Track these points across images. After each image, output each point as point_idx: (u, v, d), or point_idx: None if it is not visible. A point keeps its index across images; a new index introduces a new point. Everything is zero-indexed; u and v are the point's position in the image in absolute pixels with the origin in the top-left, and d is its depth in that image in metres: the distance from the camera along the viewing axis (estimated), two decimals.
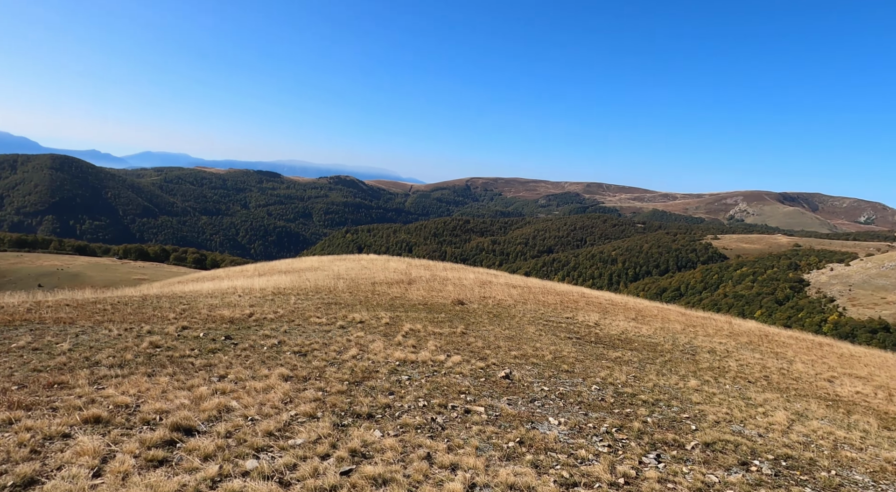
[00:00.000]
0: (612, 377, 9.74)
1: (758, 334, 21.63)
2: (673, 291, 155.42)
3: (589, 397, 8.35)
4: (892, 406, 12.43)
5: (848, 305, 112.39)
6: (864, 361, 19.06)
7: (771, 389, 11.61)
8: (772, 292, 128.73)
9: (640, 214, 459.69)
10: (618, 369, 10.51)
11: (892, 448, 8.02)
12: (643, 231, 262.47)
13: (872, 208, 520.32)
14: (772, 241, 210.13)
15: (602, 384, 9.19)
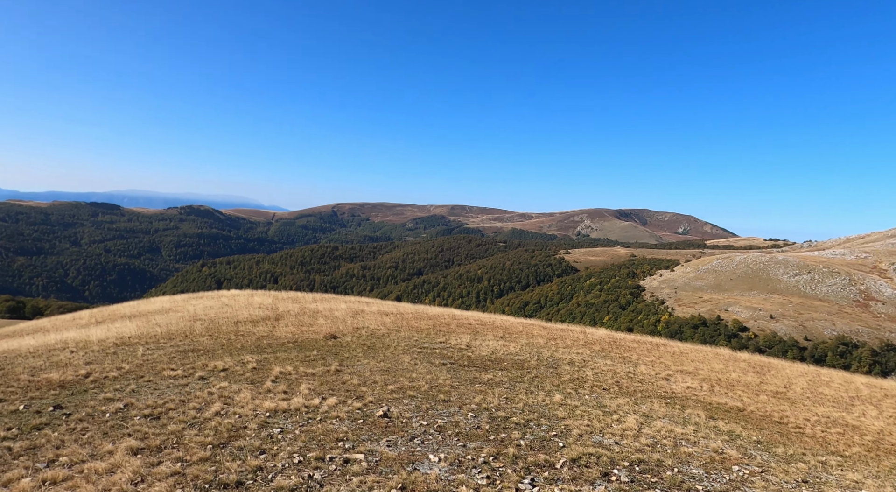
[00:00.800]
0: (486, 402, 10.10)
1: (608, 341, 23.94)
2: (534, 304, 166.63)
3: (466, 426, 8.55)
4: (714, 397, 14.52)
5: (675, 305, 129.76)
6: (690, 357, 22.04)
7: (622, 394, 12.90)
8: (616, 299, 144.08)
9: (501, 234, 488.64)
10: (491, 393, 10.93)
11: (717, 437, 9.36)
12: (505, 249, 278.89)
13: (687, 221, 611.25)
14: (613, 253, 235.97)
15: (478, 410, 9.48)
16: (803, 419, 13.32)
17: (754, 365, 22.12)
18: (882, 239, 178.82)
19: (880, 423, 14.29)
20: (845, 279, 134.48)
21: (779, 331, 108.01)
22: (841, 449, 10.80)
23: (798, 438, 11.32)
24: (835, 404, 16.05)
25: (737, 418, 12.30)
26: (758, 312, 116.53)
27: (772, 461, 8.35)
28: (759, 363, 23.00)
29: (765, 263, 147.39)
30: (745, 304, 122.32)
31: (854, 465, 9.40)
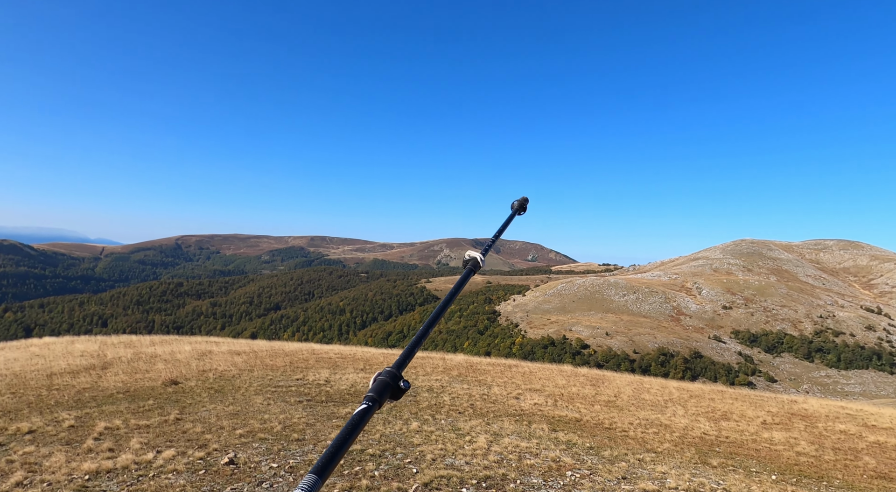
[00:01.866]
0: None
1: (465, 366, 24.96)
2: (397, 334, 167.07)
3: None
4: (556, 411, 15.90)
5: (527, 327, 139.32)
6: (538, 375, 23.87)
7: (476, 416, 13.57)
8: (475, 324, 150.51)
9: (363, 264, 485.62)
10: None
11: (556, 448, 10.29)
12: (367, 280, 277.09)
13: (535, 249, 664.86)
14: (471, 280, 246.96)
15: None
16: (628, 423, 15.16)
17: (591, 379, 24.60)
18: (687, 262, 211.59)
19: (686, 420, 16.79)
20: (662, 297, 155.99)
21: (613, 346, 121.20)
22: (655, 446, 12.51)
23: (623, 440, 12.86)
24: (653, 408, 18.49)
25: (574, 428, 13.61)
26: (596, 330, 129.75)
27: (599, 464, 9.41)
28: (595, 377, 25.63)
29: (600, 285, 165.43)
30: (586, 323, 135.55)
31: (664, 459, 10.96)
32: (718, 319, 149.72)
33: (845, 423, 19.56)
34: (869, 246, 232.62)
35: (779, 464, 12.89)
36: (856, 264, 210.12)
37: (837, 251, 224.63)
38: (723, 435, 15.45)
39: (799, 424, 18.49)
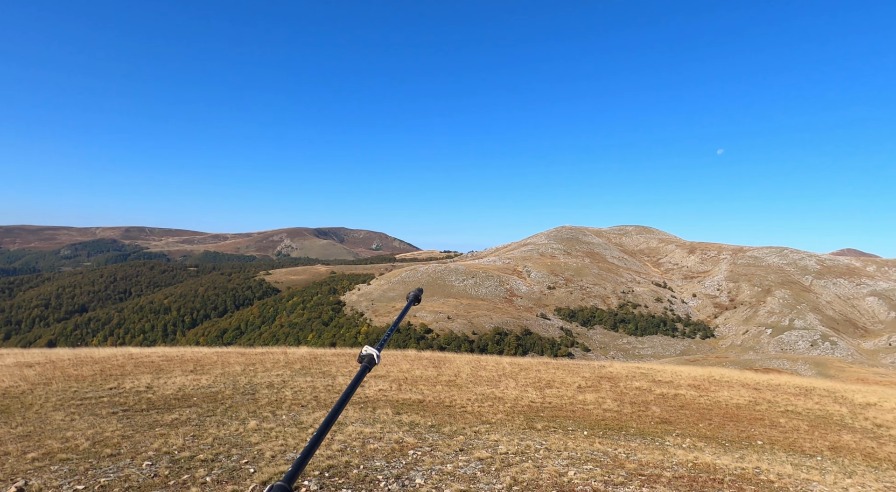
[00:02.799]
0: (168, 445, 9.05)
1: (309, 359, 24.27)
2: (234, 330, 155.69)
3: (139, 477, 7.49)
4: (401, 394, 16.32)
5: (372, 316, 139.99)
6: (383, 361, 24.19)
7: (320, 407, 13.31)
8: (319, 316, 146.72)
9: (192, 257, 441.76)
10: (174, 434, 9.83)
11: (399, 430, 10.58)
12: (197, 274, 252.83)
13: (380, 237, 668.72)
14: (314, 271, 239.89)
15: (156, 457, 8.41)
16: (466, 400, 16.17)
17: (434, 361, 25.65)
18: (518, 248, 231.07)
19: (516, 391, 18.45)
20: (497, 281, 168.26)
21: (454, 329, 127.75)
22: (490, 418, 13.56)
23: (462, 416, 13.69)
24: (488, 383, 19.95)
25: (418, 409, 14.11)
26: (439, 315, 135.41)
27: (440, 440, 9.92)
28: (437, 359, 26.78)
29: (442, 272, 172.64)
30: (430, 308, 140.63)
31: (497, 428, 11.93)
32: (544, 298, 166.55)
33: (639, 380, 23.25)
34: (658, 231, 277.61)
35: (590, 421, 14.87)
36: (649, 246, 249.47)
37: (635, 235, 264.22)
38: (547, 401, 17.31)
39: (606, 385, 21.50)
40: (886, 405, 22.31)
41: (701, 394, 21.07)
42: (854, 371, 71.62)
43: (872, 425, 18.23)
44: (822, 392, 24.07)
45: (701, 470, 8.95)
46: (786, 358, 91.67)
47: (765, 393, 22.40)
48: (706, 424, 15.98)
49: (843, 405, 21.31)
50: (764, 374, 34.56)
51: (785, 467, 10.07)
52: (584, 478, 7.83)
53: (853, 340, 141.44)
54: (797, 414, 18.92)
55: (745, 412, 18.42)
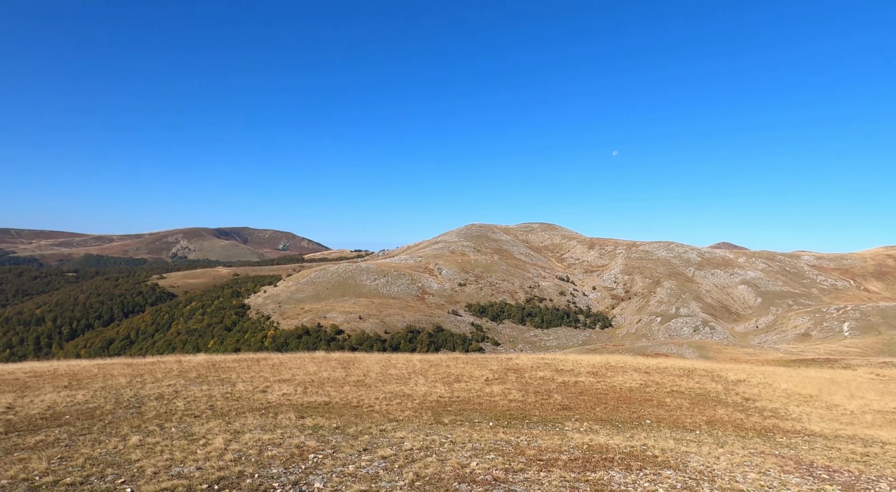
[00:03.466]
0: (28, 470, 7.99)
1: (206, 366, 22.73)
2: (122, 340, 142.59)
3: None
4: (306, 398, 15.73)
5: (280, 319, 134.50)
6: (289, 365, 23.25)
7: (215, 416, 12.46)
8: (221, 321, 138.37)
9: (71, 261, 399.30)
10: (36, 458, 8.71)
11: (301, 434, 10.16)
12: (77, 280, 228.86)
13: (286, 237, 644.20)
14: (215, 273, 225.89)
15: (10, 485, 7.39)
16: (374, 399, 15.94)
17: (343, 362, 25.07)
18: (429, 246, 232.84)
19: (426, 388, 18.50)
20: (409, 280, 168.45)
21: (366, 329, 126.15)
22: (397, 415, 13.45)
23: (369, 415, 13.46)
24: (398, 381, 19.83)
25: (323, 412, 13.67)
26: (350, 315, 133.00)
27: (344, 441, 9.65)
28: (347, 359, 26.21)
29: (353, 271, 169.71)
30: (340, 309, 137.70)
31: (404, 425, 11.85)
32: (455, 295, 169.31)
33: (543, 370, 24.27)
34: (562, 228, 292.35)
35: (496, 412, 15.25)
36: (553, 243, 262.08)
37: (540, 232, 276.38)
38: (455, 395, 17.52)
39: (512, 376, 22.20)
40: (753, 381, 25.07)
41: (598, 380, 22.40)
42: (729, 352, 79.94)
43: (742, 399, 20.38)
44: (702, 372, 26.55)
45: (595, 451, 9.45)
46: (673, 343, 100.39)
47: (654, 376, 24.28)
48: (602, 407, 16.99)
49: (718, 383, 23.64)
50: (654, 358, 37.53)
51: (668, 443, 10.91)
52: (486, 467, 7.97)
53: (728, 324, 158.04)
54: (681, 393, 20.69)
55: (637, 395, 19.84)
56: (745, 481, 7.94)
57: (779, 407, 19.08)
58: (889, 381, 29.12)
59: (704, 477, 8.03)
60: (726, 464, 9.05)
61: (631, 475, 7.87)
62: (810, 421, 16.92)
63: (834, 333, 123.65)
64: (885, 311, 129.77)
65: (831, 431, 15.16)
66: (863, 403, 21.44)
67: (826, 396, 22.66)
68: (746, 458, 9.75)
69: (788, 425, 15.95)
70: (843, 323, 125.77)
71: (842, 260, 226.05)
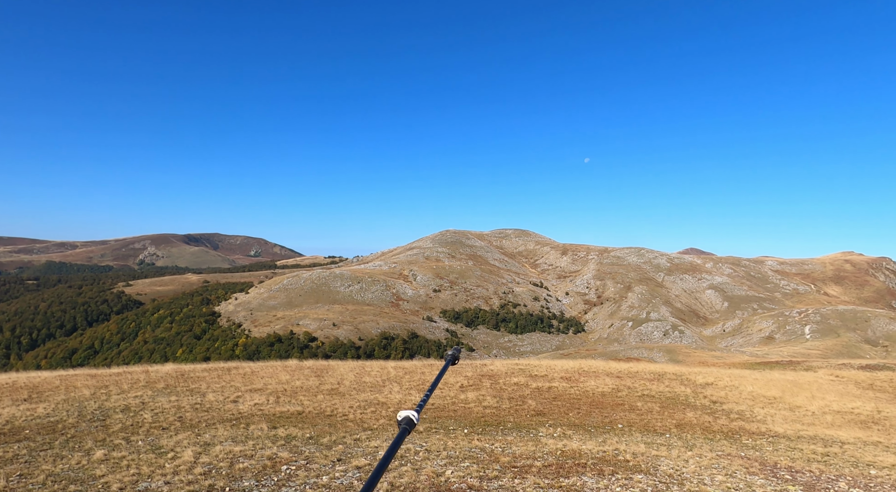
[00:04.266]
0: None
1: (175, 376, 22.18)
2: (86, 350, 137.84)
3: None
4: (279, 407, 15.50)
5: (251, 326, 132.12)
6: (261, 374, 22.86)
7: (185, 428, 12.17)
8: (190, 329, 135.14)
9: (32, 269, 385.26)
10: None
11: (273, 445, 10.02)
12: (37, 288, 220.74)
13: (258, 243, 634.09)
14: (184, 280, 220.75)
15: None
16: (349, 407, 15.81)
17: (316, 370, 24.79)
18: (404, 252, 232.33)
19: (401, 395, 18.43)
20: (383, 286, 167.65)
21: (340, 336, 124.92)
22: (372, 424, 13.37)
23: (343, 424, 13.34)
24: (372, 389, 19.71)
25: (296, 421, 13.50)
26: (324, 322, 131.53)
27: (317, 452, 9.55)
28: (320, 367, 25.91)
29: (326, 277, 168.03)
30: (314, 316, 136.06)
31: (379, 434, 11.79)
32: (430, 301, 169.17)
33: (518, 376, 24.44)
34: (535, 234, 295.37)
35: (470, 419, 15.29)
36: (526, 249, 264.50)
37: (514, 238, 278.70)
38: (430, 403, 17.50)
39: (486, 383, 22.29)
40: (720, 383, 25.73)
41: (572, 385, 22.67)
42: (697, 356, 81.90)
43: (710, 402, 20.89)
44: (672, 376, 27.13)
45: (568, 456, 9.57)
46: (644, 347, 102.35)
47: (625, 380, 24.70)
48: (575, 412, 17.21)
49: (687, 386, 24.18)
50: (625, 363, 38.17)
51: (639, 447, 11.12)
52: (461, 476, 7.99)
53: (696, 328, 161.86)
54: (651, 397, 21.10)
55: (609, 399, 20.15)
56: (712, 484, 8.16)
57: (745, 409, 19.62)
58: (847, 382, 30.24)
59: (674, 480, 8.21)
60: (695, 467, 9.28)
61: (603, 480, 8.00)
62: (774, 422, 17.45)
63: (796, 335, 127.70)
64: (844, 314, 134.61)
65: (794, 432, 15.67)
66: (823, 404, 22.22)
67: (789, 397, 23.41)
68: (714, 460, 10.01)
69: (754, 426, 16.42)
70: (805, 326, 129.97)
71: (803, 265, 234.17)
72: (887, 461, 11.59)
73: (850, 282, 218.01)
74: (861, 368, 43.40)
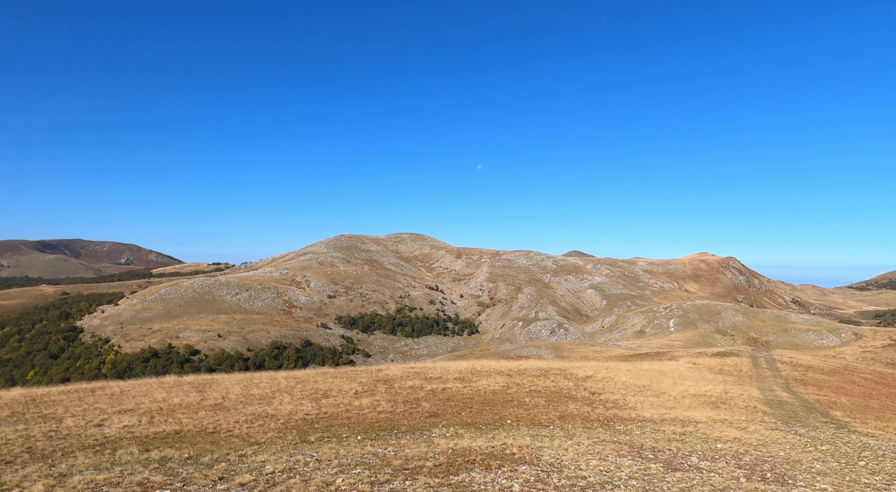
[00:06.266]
0: None
1: (23, 401, 19.46)
2: None
3: None
4: (153, 428, 14.22)
5: (122, 342, 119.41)
6: (132, 393, 20.79)
7: (34, 460, 10.73)
8: (44, 348, 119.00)
9: None
10: None
11: (145, 469, 9.18)
12: None
13: (130, 250, 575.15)
14: (36, 293, 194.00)
15: None
16: (234, 422, 14.91)
17: (198, 385, 23.08)
18: (296, 257, 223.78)
19: (291, 406, 17.74)
20: (274, 293, 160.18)
21: (226, 347, 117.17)
22: (259, 438, 12.73)
23: (227, 440, 12.56)
24: (261, 401, 18.77)
25: (173, 442, 12.47)
26: (207, 334, 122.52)
27: (196, 472, 8.92)
28: (202, 382, 24.16)
29: (210, 286, 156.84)
30: (196, 327, 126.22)
31: (266, 448, 11.27)
32: (325, 307, 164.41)
33: (413, 380, 24.62)
34: (431, 238, 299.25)
35: (364, 425, 15.14)
36: (422, 253, 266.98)
37: (410, 243, 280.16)
38: (322, 411, 17.04)
39: (381, 387, 22.18)
40: (599, 376, 27.89)
41: (465, 385, 23.30)
42: (580, 351, 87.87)
43: (589, 393, 22.57)
44: (557, 371, 28.91)
45: (458, 454, 9.85)
46: (533, 345, 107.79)
47: (515, 378, 25.88)
48: (468, 411, 17.71)
49: (570, 380, 25.91)
50: (515, 361, 39.98)
51: (525, 440, 11.73)
52: (352, 483, 7.91)
53: (580, 325, 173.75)
54: (538, 392, 22.32)
55: (500, 396, 21.00)
56: (587, 468, 8.84)
57: (619, 398, 21.45)
58: (702, 368, 34.22)
59: (554, 468, 8.79)
60: (573, 454, 9.99)
61: (490, 474, 8.34)
62: (643, 408, 19.29)
63: (663, 329, 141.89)
64: (700, 308, 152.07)
65: (659, 416, 17.42)
66: (683, 389, 24.93)
67: (656, 385, 26.00)
68: (590, 447, 10.84)
69: (626, 413, 18.02)
70: (670, 320, 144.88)
71: (668, 265, 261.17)
72: (731, 435, 13.32)
73: (706, 279, 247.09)
74: (713, 355, 49.30)
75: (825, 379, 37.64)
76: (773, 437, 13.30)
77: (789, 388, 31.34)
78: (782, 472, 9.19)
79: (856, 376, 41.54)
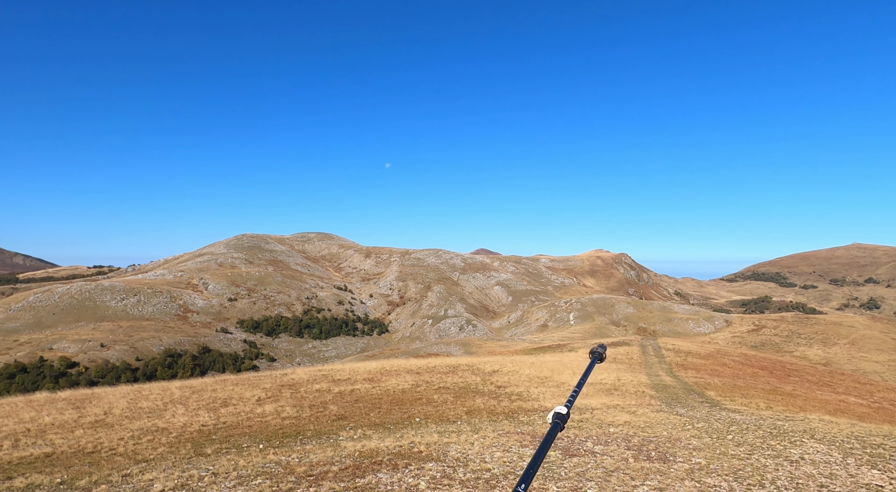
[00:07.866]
0: None
1: None
2: None
3: None
4: (17, 453, 12.62)
5: None
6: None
7: None
8: None
9: None
10: None
11: None
12: None
13: None
14: None
15: None
16: (118, 439, 13.63)
17: (75, 401, 20.86)
18: (192, 258, 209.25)
19: (185, 418, 16.56)
20: (167, 297, 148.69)
21: (111, 358, 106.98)
22: (147, 455, 11.75)
23: (109, 460, 11.46)
24: (150, 414, 17.33)
25: (43, 466, 11.17)
26: (88, 344, 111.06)
27: None
28: (80, 397, 21.87)
29: (91, 291, 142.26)
30: (74, 337, 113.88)
31: (155, 465, 10.42)
32: (225, 311, 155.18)
33: (320, 383, 23.97)
34: (339, 237, 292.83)
35: (267, 433, 14.49)
36: (330, 252, 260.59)
37: (317, 242, 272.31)
38: (221, 421, 16.08)
39: (286, 392, 21.36)
40: (504, 370, 28.86)
41: (374, 386, 23.07)
42: (488, 347, 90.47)
43: (495, 387, 23.28)
44: (465, 367, 29.52)
45: (366, 456, 9.73)
46: (443, 343, 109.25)
47: (424, 376, 26.07)
48: (377, 412, 17.56)
49: (477, 375, 26.57)
50: (425, 359, 40.29)
51: (433, 437, 11.85)
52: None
53: (487, 321, 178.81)
54: (447, 389, 22.65)
55: (409, 395, 21.03)
56: (492, 461, 9.11)
57: (523, 391, 22.35)
58: None
59: (460, 463, 8.95)
60: (479, 448, 10.25)
61: (397, 474, 8.33)
62: (545, 399, 20.24)
63: (564, 322, 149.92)
64: (597, 302, 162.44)
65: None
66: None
67: (557, 376, 27.40)
68: (495, 440, 11.18)
69: (529, 404, 18.81)
70: (570, 314, 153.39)
71: (568, 262, 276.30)
72: (622, 419, 14.37)
73: (602, 274, 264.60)
74: (608, 345, 52.90)
75: (702, 363, 41.83)
76: (657, 418, 14.52)
77: (672, 372, 34.45)
78: (664, 450, 10.06)
79: (726, 358, 46.57)
